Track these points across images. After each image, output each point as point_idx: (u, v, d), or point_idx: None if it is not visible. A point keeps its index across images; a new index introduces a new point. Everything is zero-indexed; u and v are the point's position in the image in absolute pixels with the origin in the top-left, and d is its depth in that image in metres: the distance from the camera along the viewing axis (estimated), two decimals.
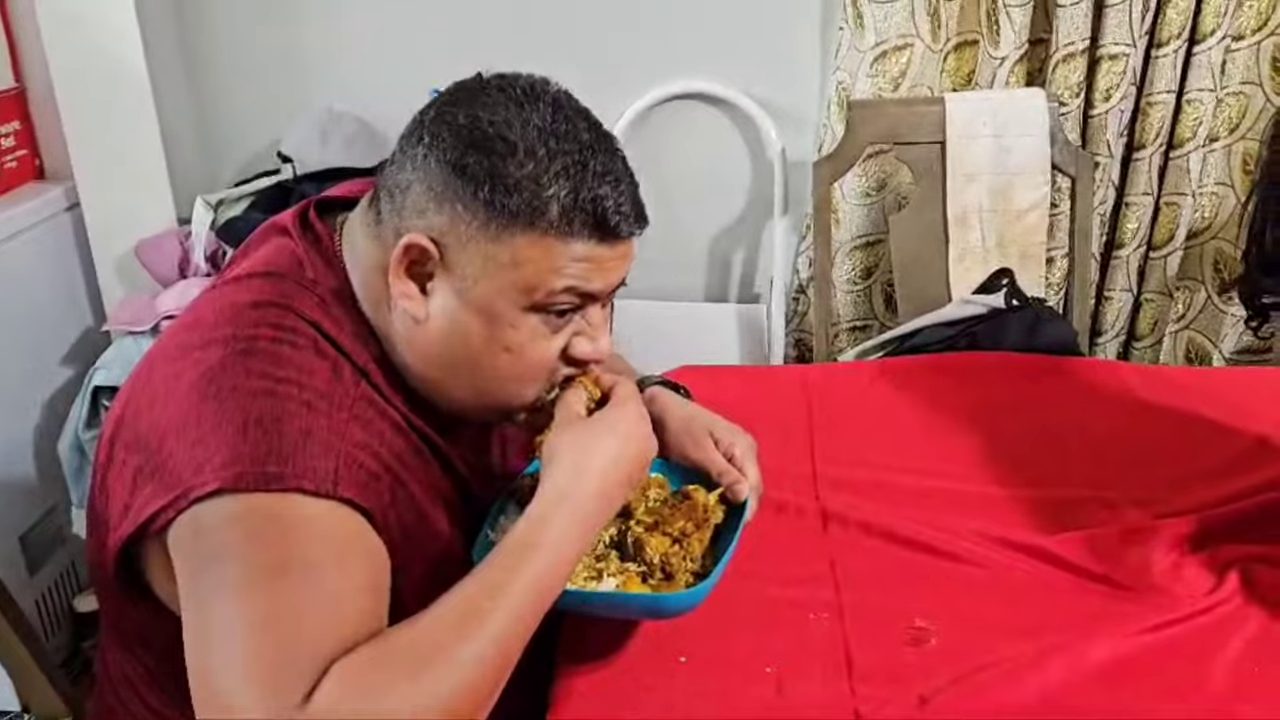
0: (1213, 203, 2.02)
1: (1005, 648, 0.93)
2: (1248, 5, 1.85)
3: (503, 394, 0.85)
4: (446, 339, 0.82)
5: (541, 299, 0.80)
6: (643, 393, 1.06)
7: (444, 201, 0.79)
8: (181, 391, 0.77)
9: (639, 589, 0.88)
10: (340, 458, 0.76)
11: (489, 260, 0.79)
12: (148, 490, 0.76)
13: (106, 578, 0.83)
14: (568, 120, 0.80)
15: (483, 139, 0.78)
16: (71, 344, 1.95)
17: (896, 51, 1.91)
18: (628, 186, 0.82)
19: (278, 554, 0.71)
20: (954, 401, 1.37)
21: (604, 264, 0.81)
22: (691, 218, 2.16)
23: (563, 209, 0.78)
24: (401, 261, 0.80)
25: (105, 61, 1.80)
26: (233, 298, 0.83)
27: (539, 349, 0.83)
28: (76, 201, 1.90)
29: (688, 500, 0.95)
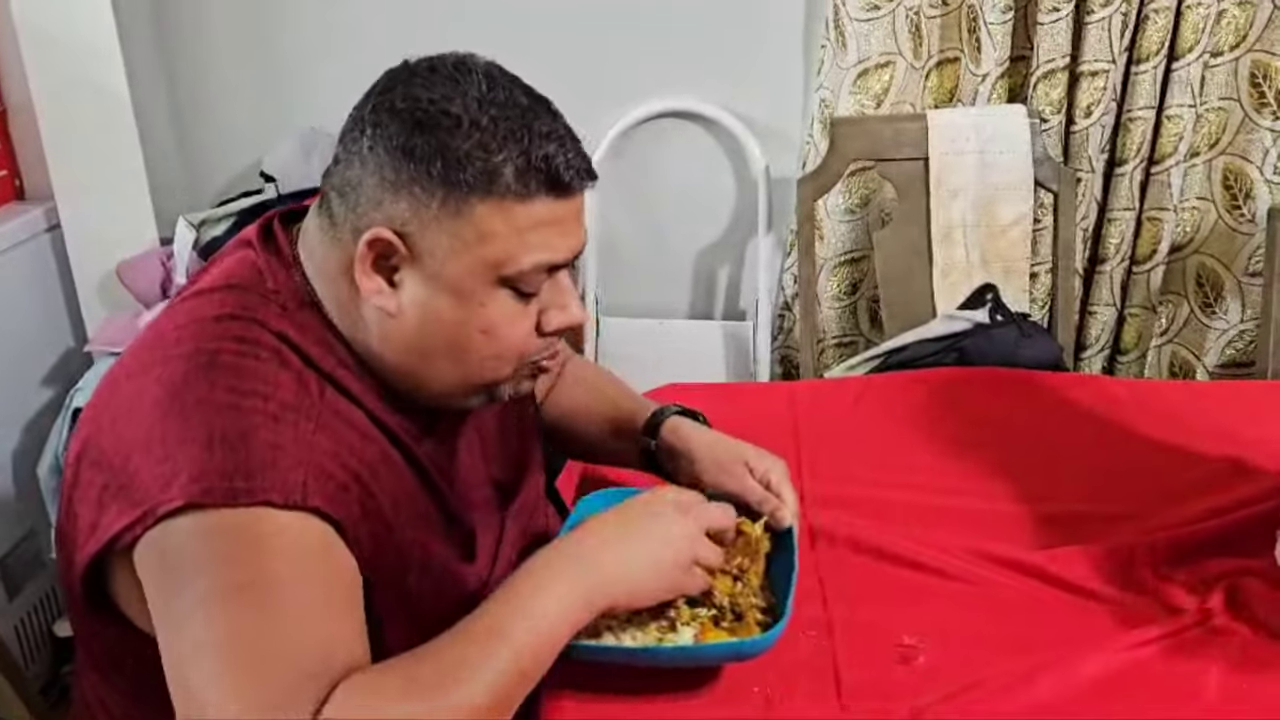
0: (1194, 217, 2.03)
1: (994, 664, 0.93)
2: (1225, 22, 1.87)
3: (482, 374, 0.85)
4: (421, 327, 0.82)
5: (511, 274, 0.80)
6: (662, 422, 1.07)
7: (399, 188, 0.78)
8: (145, 408, 0.77)
9: (716, 635, 0.88)
10: (308, 469, 0.75)
11: (455, 238, 0.79)
12: (114, 509, 0.75)
13: (77, 598, 0.82)
14: (503, 88, 0.80)
15: (425, 118, 0.78)
16: (52, 365, 1.93)
17: (879, 69, 1.92)
18: (572, 143, 0.82)
19: (251, 571, 0.70)
20: (940, 417, 1.37)
21: (564, 225, 0.82)
22: (676, 235, 2.17)
23: (517, 171, 0.78)
24: (367, 258, 0.80)
25: (86, 81, 1.79)
26: (194, 313, 0.82)
27: (514, 327, 0.83)
28: (57, 222, 1.88)
29: (741, 535, 0.95)
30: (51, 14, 1.75)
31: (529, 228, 0.79)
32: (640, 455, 1.09)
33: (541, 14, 1.99)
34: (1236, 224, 2.00)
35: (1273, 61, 1.89)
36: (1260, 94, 1.91)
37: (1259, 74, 1.91)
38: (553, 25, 2.00)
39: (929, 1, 1.90)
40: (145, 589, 0.75)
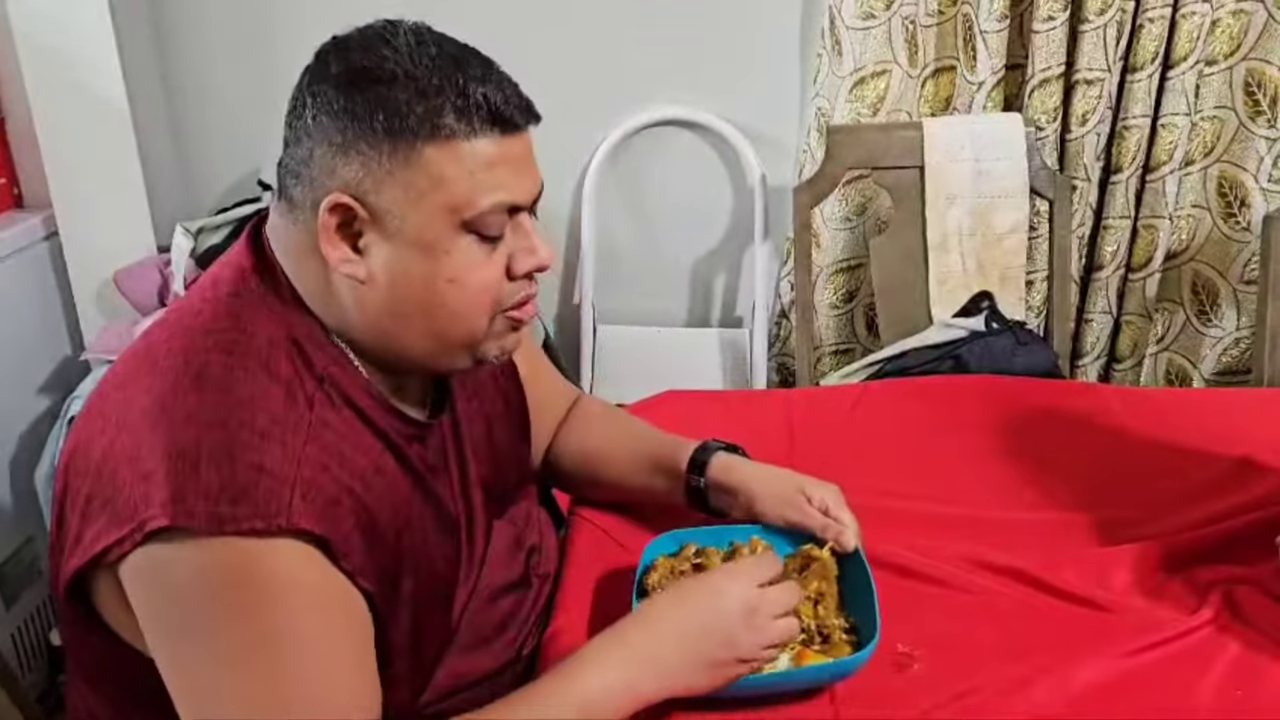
0: (1189, 225, 2.04)
1: (989, 672, 0.93)
2: (1220, 31, 1.88)
3: (458, 329, 0.84)
4: (392, 287, 0.81)
5: (471, 217, 0.80)
6: (708, 460, 1.08)
7: (348, 150, 0.78)
8: (133, 419, 0.77)
9: (813, 657, 0.90)
10: (295, 486, 0.75)
11: (410, 188, 0.79)
12: (100, 521, 0.75)
13: (64, 608, 0.82)
14: (432, 43, 0.81)
15: (361, 78, 0.78)
16: (49, 373, 1.93)
17: (875, 77, 1.93)
18: (509, 84, 0.83)
19: (260, 626, 0.72)
20: (935, 425, 1.37)
21: (515, 163, 0.82)
22: (673, 243, 2.17)
23: (457, 110, 0.78)
24: (329, 226, 0.80)
25: (84, 89, 1.80)
26: (185, 322, 0.82)
27: (481, 273, 0.82)
28: (55, 230, 1.89)
29: (815, 561, 0.97)
30: (49, 23, 1.76)
31: (480, 168, 0.79)
32: (686, 493, 1.09)
33: (540, 22, 2.00)
34: (1232, 232, 2.01)
35: (1267, 70, 1.90)
36: (1255, 102, 1.92)
37: (1253, 82, 1.91)
38: (550, 34, 2.01)
39: (925, 10, 1.91)
40: (137, 611, 0.76)
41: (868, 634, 0.91)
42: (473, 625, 0.95)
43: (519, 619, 1.01)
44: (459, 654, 0.93)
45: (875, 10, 1.88)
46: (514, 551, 1.03)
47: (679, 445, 1.12)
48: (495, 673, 0.97)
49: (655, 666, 0.83)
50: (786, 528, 1.03)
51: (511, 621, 1.00)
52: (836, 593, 0.96)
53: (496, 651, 0.97)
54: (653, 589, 0.97)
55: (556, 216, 2.14)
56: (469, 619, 0.94)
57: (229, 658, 0.73)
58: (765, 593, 0.88)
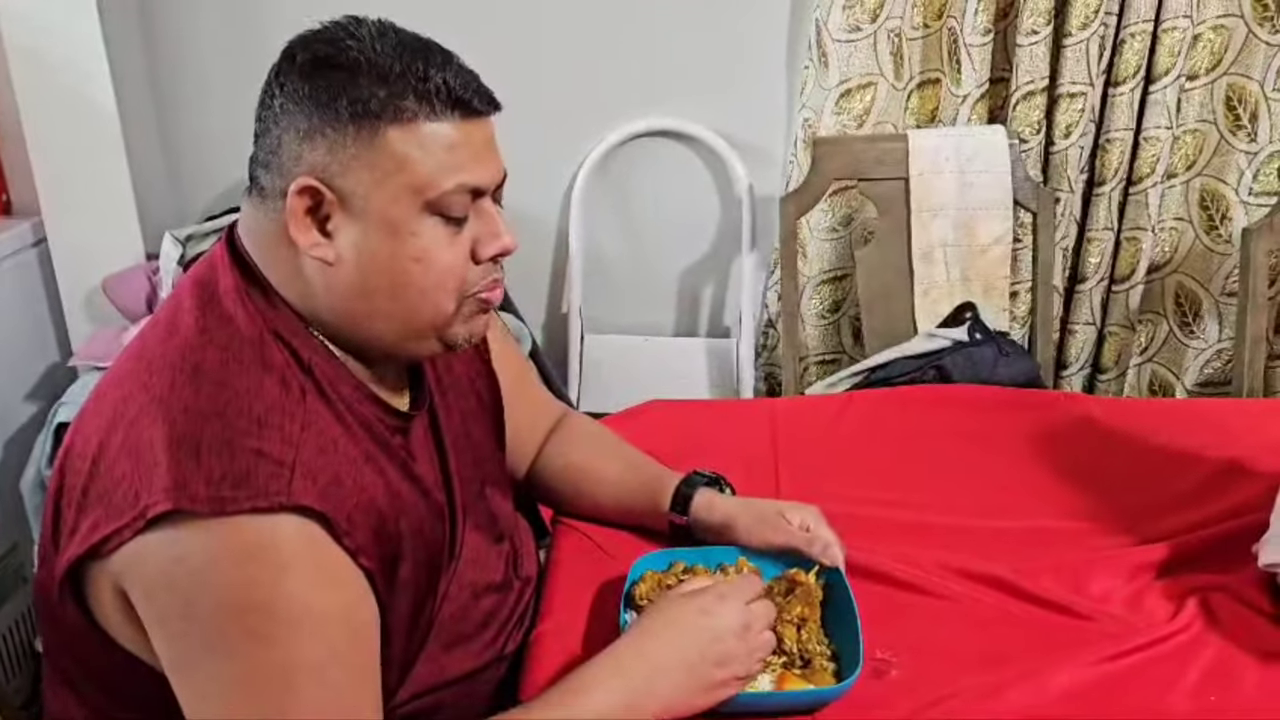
0: (1172, 237, 2.06)
1: (966, 678, 0.94)
2: (1201, 46, 1.90)
3: (425, 311, 0.85)
4: (358, 268, 0.83)
5: (434, 197, 0.81)
6: (691, 495, 1.10)
7: (314, 135, 0.80)
8: (131, 415, 0.78)
9: (796, 682, 0.91)
10: (295, 469, 0.76)
11: (374, 170, 0.80)
12: (98, 512, 0.76)
13: (53, 608, 0.82)
14: (394, 32, 0.83)
15: (326, 64, 0.81)
16: (36, 380, 1.93)
17: (861, 90, 1.95)
18: (469, 72, 0.85)
19: (259, 611, 0.73)
20: (919, 433, 1.38)
21: (477, 148, 0.84)
22: (661, 253, 2.18)
23: (418, 94, 0.80)
24: (298, 210, 0.81)
25: (73, 96, 1.80)
26: (176, 321, 0.84)
27: (446, 253, 0.84)
28: (43, 237, 1.89)
29: (799, 585, 0.99)
30: (39, 29, 1.76)
31: (441, 150, 0.81)
32: (669, 527, 1.12)
33: (528, 33, 2.01)
34: (1213, 244, 2.03)
35: (1248, 85, 1.92)
36: (1236, 117, 1.95)
37: (1234, 97, 1.94)
38: (539, 45, 2.02)
39: (910, 23, 1.93)
40: (135, 601, 0.76)
41: (849, 660, 0.92)
42: (454, 622, 0.95)
43: (500, 619, 1.01)
44: (440, 650, 0.94)
45: (861, 23, 1.90)
46: (494, 550, 1.04)
47: (663, 477, 1.13)
48: (475, 672, 0.97)
49: (653, 691, 0.85)
50: (771, 552, 1.04)
51: (492, 621, 1.00)
52: (819, 618, 0.98)
53: (477, 650, 0.98)
54: (640, 600, 0.98)
55: (545, 225, 2.15)
56: (451, 615, 0.95)
57: (231, 644, 0.74)
58: (753, 609, 0.91)
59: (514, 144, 2.10)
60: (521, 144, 2.07)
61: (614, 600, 1.00)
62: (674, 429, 1.37)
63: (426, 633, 0.92)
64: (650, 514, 1.13)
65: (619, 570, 1.05)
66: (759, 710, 0.90)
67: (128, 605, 0.77)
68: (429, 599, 0.91)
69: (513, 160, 2.26)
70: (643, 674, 0.86)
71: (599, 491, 1.17)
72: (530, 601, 1.07)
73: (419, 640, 0.91)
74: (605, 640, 0.91)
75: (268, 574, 0.73)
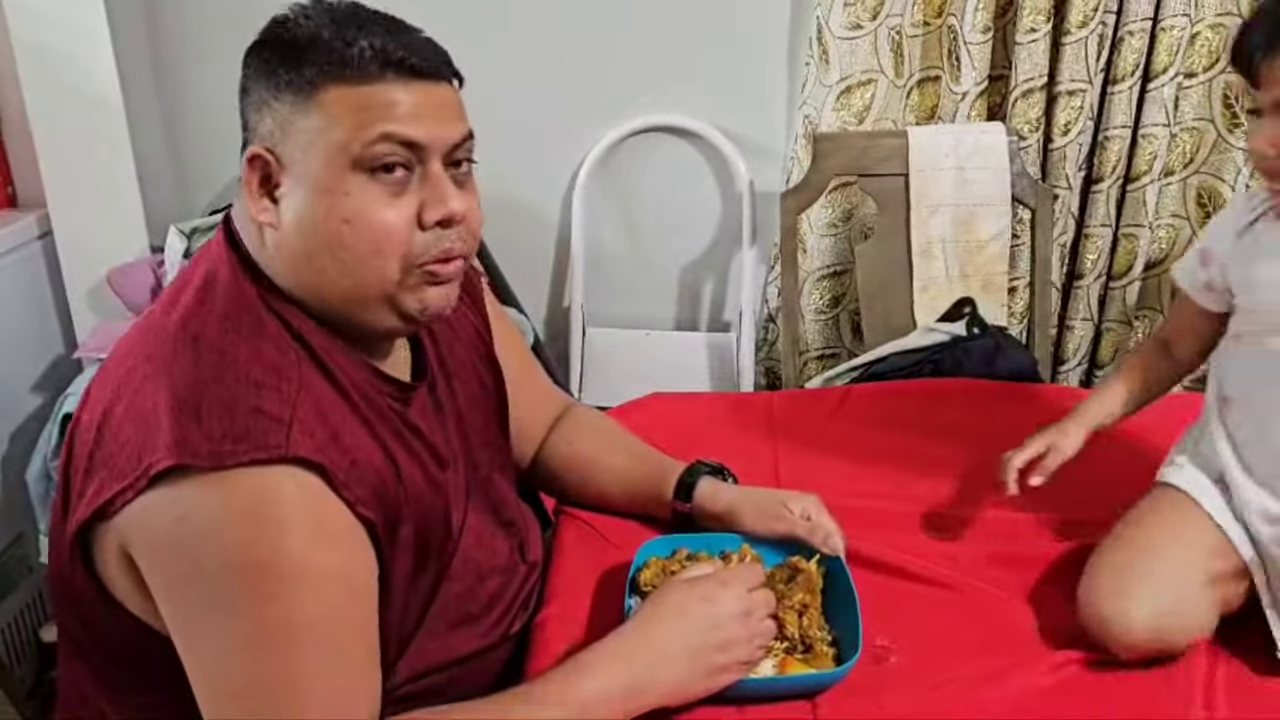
0: (1169, 234, 2.07)
1: (965, 665, 0.96)
2: (1199, 44, 1.92)
3: (365, 276, 0.85)
4: (298, 231, 0.84)
5: (360, 151, 0.82)
6: (695, 484, 1.12)
7: (262, 107, 0.84)
8: (134, 384, 0.80)
9: (797, 667, 0.93)
10: (293, 425, 0.78)
11: (309, 133, 0.82)
12: (103, 475, 0.78)
13: (64, 579, 0.84)
14: (343, 7, 0.86)
15: (273, 39, 0.85)
16: (42, 372, 1.94)
17: (861, 86, 1.96)
18: (420, 37, 0.87)
19: (263, 565, 0.75)
20: (916, 426, 1.40)
21: (419, 107, 0.84)
22: (662, 248, 2.19)
23: (345, 58, 0.82)
24: (251, 180, 0.84)
25: (79, 89, 1.81)
26: (179, 299, 0.86)
27: (379, 214, 0.83)
28: (49, 230, 1.90)
29: (800, 573, 1.00)
30: (45, 23, 1.77)
31: (369, 108, 0.82)
32: (672, 515, 1.13)
33: (531, 30, 2.02)
34: None
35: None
36: (1233, 114, 1.96)
37: (1231, 95, 1.95)
38: (542, 40, 2.03)
39: (910, 21, 1.94)
40: (139, 562, 0.78)
41: (849, 646, 0.94)
42: (460, 602, 0.97)
43: (505, 600, 1.03)
44: (445, 630, 0.96)
45: (862, 21, 1.91)
46: (500, 533, 1.05)
47: (667, 467, 1.15)
48: (481, 652, 0.99)
49: (656, 674, 0.87)
50: (773, 539, 1.06)
51: (498, 602, 1.02)
52: (820, 605, 0.99)
53: (483, 631, 1.00)
54: (645, 586, 1.00)
55: (547, 220, 2.17)
56: (457, 595, 0.97)
57: (234, 603, 0.75)
58: (754, 596, 0.93)
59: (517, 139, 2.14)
60: (525, 139, 2.10)
61: (618, 586, 1.02)
62: (675, 421, 1.38)
63: (427, 604, 0.93)
64: (654, 502, 1.14)
65: (622, 557, 1.06)
66: (762, 695, 0.92)
67: (133, 569, 0.79)
68: (429, 566, 0.92)
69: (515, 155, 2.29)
70: (646, 657, 0.87)
71: (604, 480, 1.18)
72: (535, 585, 1.08)
73: (418, 610, 0.92)
74: (609, 626, 0.92)
75: (268, 531, 0.75)
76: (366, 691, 0.81)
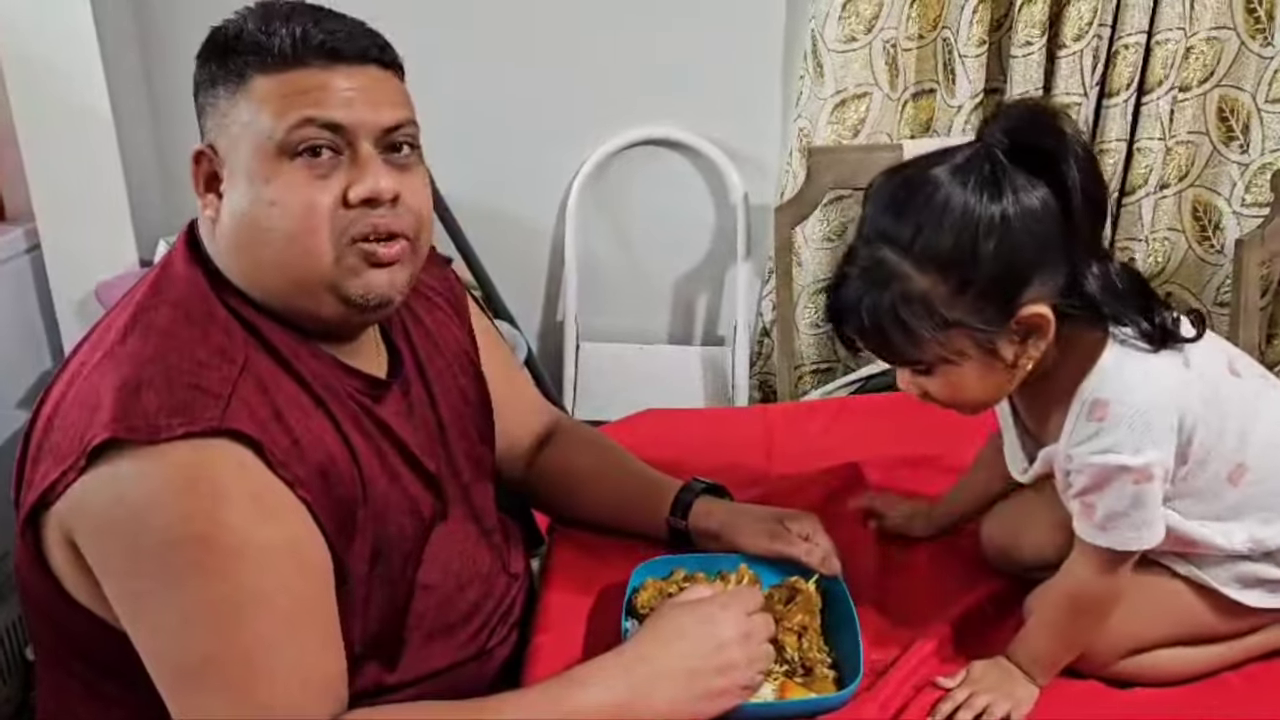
0: (1164, 248, 2.07)
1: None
2: (1194, 58, 1.92)
3: (298, 260, 0.84)
4: (234, 221, 0.85)
5: (284, 137, 0.82)
6: (692, 502, 1.10)
7: (204, 107, 0.87)
8: (85, 373, 0.81)
9: (798, 690, 0.92)
10: (231, 400, 0.78)
11: (238, 124, 0.84)
12: (48, 461, 0.79)
13: (22, 576, 0.85)
14: (269, 5, 0.87)
15: (210, 42, 0.88)
16: (29, 386, 1.92)
17: (856, 100, 1.95)
18: (348, 21, 0.87)
19: (201, 538, 0.75)
20: (912, 440, 1.38)
21: (341, 92, 0.84)
22: (656, 261, 2.19)
23: (279, 42, 0.83)
24: (196, 177, 0.87)
25: (68, 102, 1.80)
26: (134, 294, 0.87)
27: (303, 194, 0.83)
28: (37, 243, 1.88)
29: (799, 594, 0.99)
30: (33, 33, 1.76)
31: (292, 93, 0.83)
32: (668, 532, 1.12)
33: (527, 43, 2.02)
34: (1206, 255, 2.04)
35: (1240, 96, 1.94)
36: (1228, 128, 1.96)
37: (1226, 108, 1.95)
38: (536, 53, 2.03)
39: (905, 34, 1.94)
40: (82, 547, 0.78)
41: (850, 667, 0.93)
42: (438, 611, 0.96)
43: (485, 611, 1.02)
44: (422, 641, 0.95)
45: (857, 34, 1.91)
46: (481, 542, 1.04)
47: (663, 483, 1.14)
48: (458, 665, 0.98)
49: (652, 694, 0.85)
50: (770, 558, 1.04)
51: (477, 613, 1.01)
52: (819, 626, 0.98)
53: (461, 642, 0.99)
54: (642, 609, 0.98)
55: (541, 233, 2.16)
56: (434, 604, 0.96)
57: (176, 578, 0.75)
58: (754, 619, 0.91)
59: (510, 152, 2.12)
60: (518, 152, 2.09)
61: (613, 609, 1.00)
62: (669, 438, 1.37)
63: (400, 608, 0.92)
64: (650, 519, 1.13)
65: (617, 579, 1.04)
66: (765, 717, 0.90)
67: (78, 556, 0.79)
68: (391, 558, 0.90)
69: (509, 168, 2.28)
70: (643, 676, 0.86)
71: (598, 497, 1.17)
72: (516, 597, 1.07)
73: (386, 610, 0.91)
74: (605, 649, 0.91)
75: (204, 505, 0.75)
76: (328, 671, 0.80)
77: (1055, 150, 0.82)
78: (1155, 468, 0.85)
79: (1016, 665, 0.93)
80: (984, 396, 0.90)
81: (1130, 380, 0.85)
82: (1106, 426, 0.85)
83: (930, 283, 0.82)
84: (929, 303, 0.82)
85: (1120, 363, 0.85)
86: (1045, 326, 0.84)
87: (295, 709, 0.76)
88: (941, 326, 0.83)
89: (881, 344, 0.86)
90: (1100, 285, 0.84)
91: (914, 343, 0.84)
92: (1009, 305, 0.83)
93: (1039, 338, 0.85)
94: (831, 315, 0.89)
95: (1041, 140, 0.82)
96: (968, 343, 0.84)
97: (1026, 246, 0.82)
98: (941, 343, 0.84)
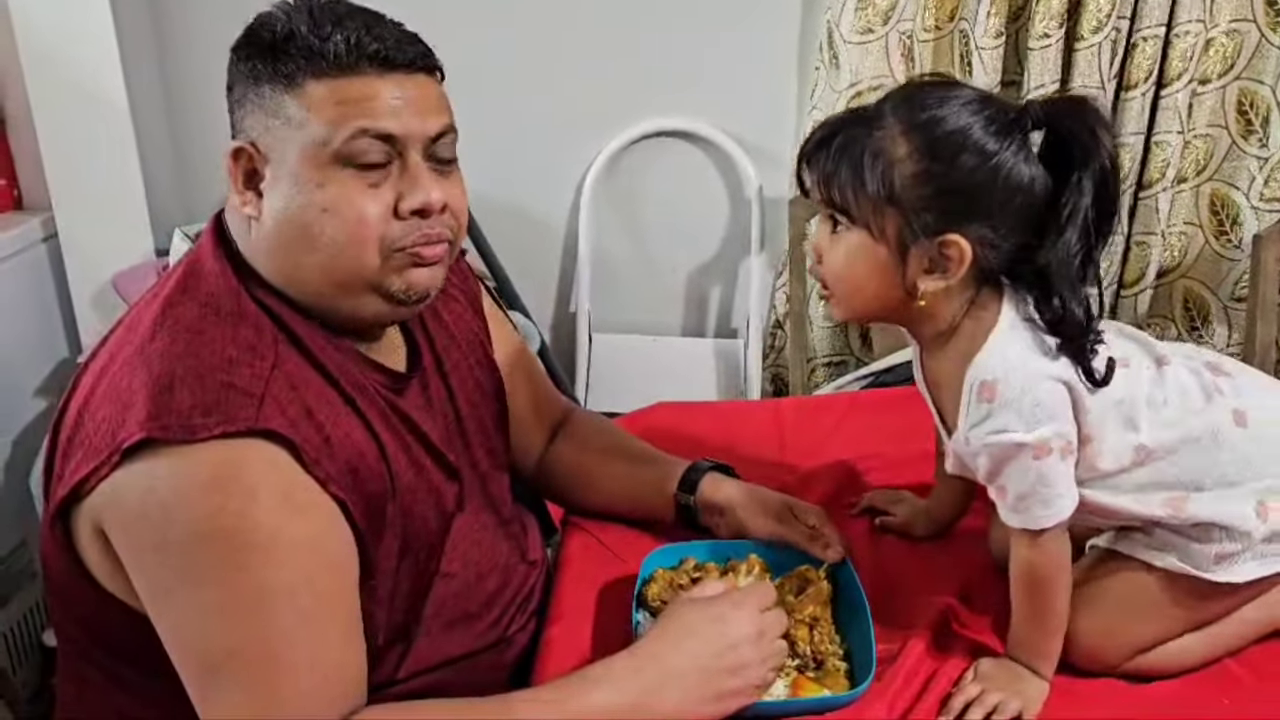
0: (1181, 242, 2.05)
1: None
2: (1213, 50, 1.90)
3: (345, 264, 0.85)
4: (278, 221, 0.85)
5: (340, 147, 0.83)
6: (699, 479, 1.10)
7: (247, 102, 0.86)
8: (115, 369, 0.82)
9: (810, 686, 0.91)
10: (264, 399, 0.79)
11: (288, 125, 0.83)
12: (79, 455, 0.79)
13: (51, 565, 0.85)
14: (319, 7, 0.86)
15: (255, 38, 0.86)
16: (45, 376, 1.94)
17: (871, 92, 1.94)
18: (398, 28, 0.87)
19: (232, 536, 0.75)
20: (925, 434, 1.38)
21: (394, 101, 0.84)
22: (670, 253, 2.18)
23: (320, 52, 0.83)
24: (235, 174, 0.86)
25: (85, 92, 1.81)
26: (163, 290, 0.87)
27: (356, 204, 0.84)
28: (54, 233, 1.89)
29: (810, 584, 0.99)
30: (51, 25, 1.77)
31: (346, 101, 0.83)
32: (675, 511, 1.12)
33: (539, 35, 2.01)
34: (1223, 249, 2.02)
35: (1259, 90, 1.92)
36: (1247, 121, 1.94)
37: (1246, 102, 1.93)
38: (551, 45, 2.02)
39: (921, 25, 1.93)
40: (113, 540, 0.78)
41: (862, 660, 0.92)
42: (457, 600, 0.97)
43: (503, 601, 1.02)
44: (441, 629, 0.95)
45: (873, 25, 1.90)
46: (500, 532, 1.05)
47: (671, 464, 1.14)
48: (478, 652, 0.99)
49: (664, 693, 0.85)
50: (778, 544, 1.04)
51: (496, 602, 1.01)
52: (831, 617, 0.97)
53: (480, 631, 0.99)
54: (653, 601, 0.98)
55: (554, 225, 2.16)
56: (454, 592, 0.96)
57: (203, 572, 0.76)
58: (767, 616, 0.91)
59: (525, 144, 2.12)
60: (532, 144, 2.08)
61: (624, 601, 1.01)
62: (681, 431, 1.37)
63: (421, 597, 0.93)
64: (658, 499, 1.13)
65: (628, 571, 1.05)
66: (779, 715, 0.90)
67: (108, 546, 0.80)
68: (417, 552, 0.91)
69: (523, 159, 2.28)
70: (655, 675, 0.86)
71: (609, 484, 1.17)
72: (534, 586, 1.08)
73: (409, 601, 0.91)
74: (616, 642, 0.91)
75: (235, 501, 0.75)
76: (349, 666, 0.81)
77: (1082, 151, 0.83)
78: (1053, 441, 0.86)
79: (1016, 661, 0.93)
80: (865, 292, 0.91)
81: (1013, 359, 0.86)
82: (996, 407, 0.86)
83: (903, 155, 0.85)
84: (890, 169, 0.84)
85: (1006, 341, 0.87)
86: (955, 265, 0.85)
87: (315, 703, 0.77)
88: (885, 196, 0.85)
89: (830, 175, 0.88)
90: (1065, 303, 0.85)
91: (855, 189, 0.86)
92: (946, 222, 0.85)
93: (943, 274, 0.86)
94: (807, 140, 0.91)
95: (1075, 134, 0.84)
96: (892, 228, 0.86)
97: (996, 193, 0.84)
98: (875, 207, 0.86)
